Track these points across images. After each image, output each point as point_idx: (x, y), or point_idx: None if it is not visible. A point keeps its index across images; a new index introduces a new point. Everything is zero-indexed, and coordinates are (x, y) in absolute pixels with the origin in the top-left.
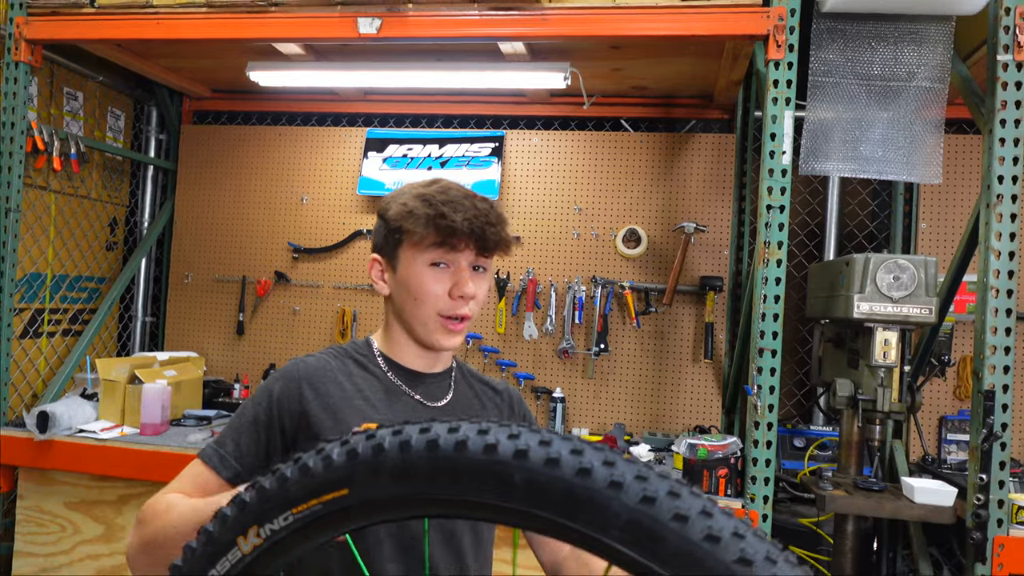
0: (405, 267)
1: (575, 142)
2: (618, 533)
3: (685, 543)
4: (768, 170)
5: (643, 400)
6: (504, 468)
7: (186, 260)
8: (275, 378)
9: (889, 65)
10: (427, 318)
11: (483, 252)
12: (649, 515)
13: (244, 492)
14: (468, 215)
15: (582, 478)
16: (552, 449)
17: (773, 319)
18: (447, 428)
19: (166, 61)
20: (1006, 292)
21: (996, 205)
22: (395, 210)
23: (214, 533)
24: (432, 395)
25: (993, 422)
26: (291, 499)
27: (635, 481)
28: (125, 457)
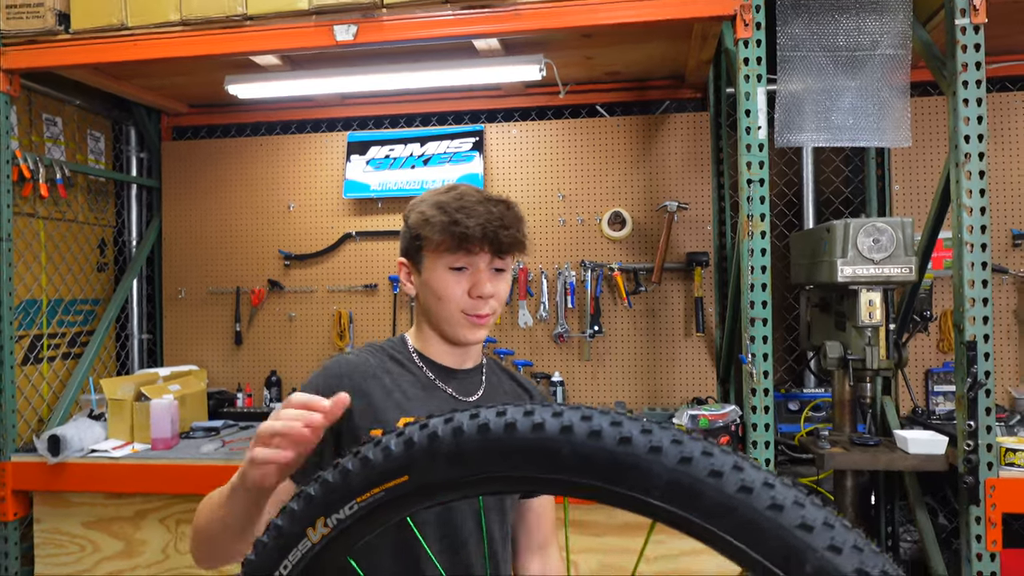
0: (428, 271)
1: (553, 131)
2: (660, 493)
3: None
4: (746, 145)
5: (640, 377)
6: (552, 443)
7: (178, 276)
8: (319, 376)
9: (853, 35)
10: (451, 315)
11: (499, 254)
12: (691, 474)
13: (307, 487)
14: (481, 220)
15: (623, 446)
16: (594, 423)
17: (762, 289)
18: (495, 412)
19: (142, 80)
20: (980, 246)
21: (965, 164)
22: (414, 218)
23: (283, 527)
24: (465, 390)
25: (977, 371)
26: (354, 489)
27: (672, 445)
28: (140, 473)
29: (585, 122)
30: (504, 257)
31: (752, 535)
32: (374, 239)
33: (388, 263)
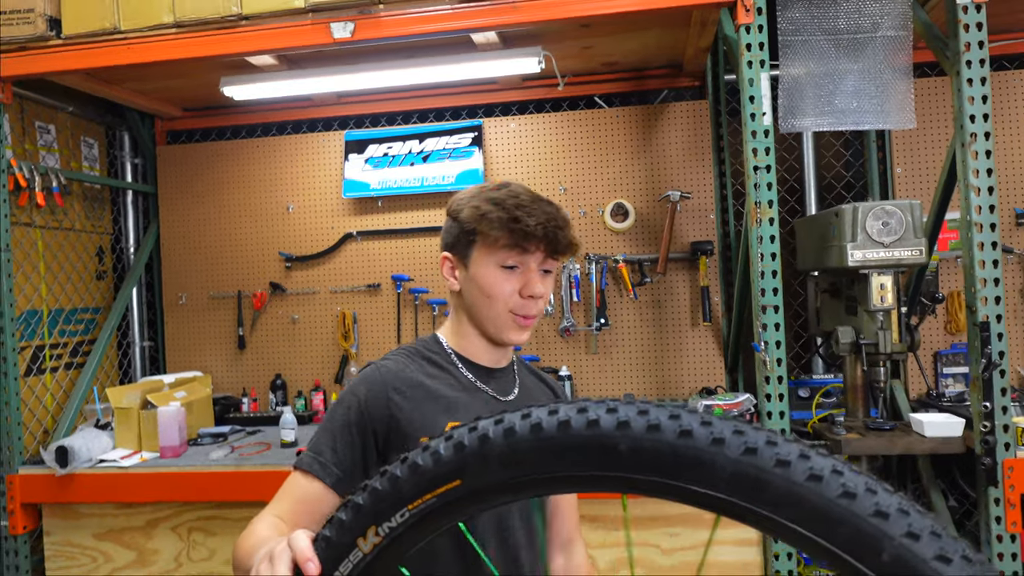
0: (477, 266)
1: (552, 123)
2: (725, 486)
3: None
4: (751, 132)
5: (648, 368)
6: (609, 440)
7: (178, 281)
8: (359, 384)
9: (853, 18)
10: (498, 315)
11: (553, 255)
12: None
13: (355, 496)
14: (541, 219)
15: (684, 439)
16: (651, 417)
17: (772, 276)
18: (547, 411)
19: (135, 84)
20: (989, 226)
21: (971, 144)
22: (468, 212)
23: (332, 538)
24: (503, 390)
25: (991, 351)
26: (404, 496)
27: (734, 436)
28: (150, 482)
29: (584, 114)
30: (558, 258)
31: (824, 525)
32: (376, 238)
33: (390, 262)
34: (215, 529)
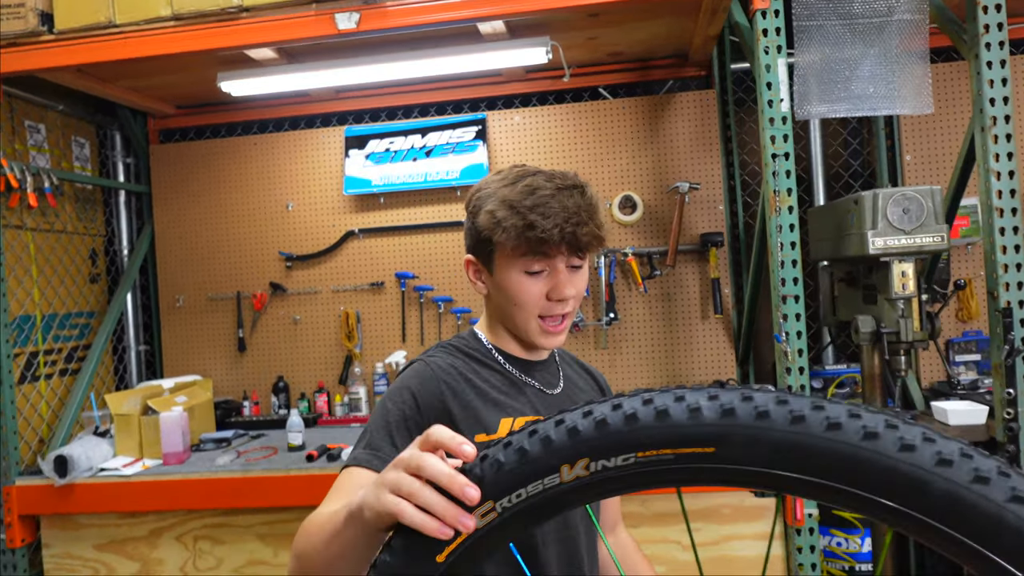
0: (501, 273)
1: (557, 116)
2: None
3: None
4: (768, 119)
5: (658, 362)
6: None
7: (175, 283)
8: (410, 378)
9: (868, 2)
10: (526, 322)
11: (577, 254)
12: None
13: (571, 414)
14: (558, 220)
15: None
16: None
17: (792, 265)
18: (848, 413)
19: (129, 82)
20: (1011, 211)
21: (991, 128)
22: (483, 219)
23: (529, 451)
24: (548, 382)
25: (1014, 338)
26: (639, 441)
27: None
28: (153, 490)
29: (588, 105)
30: (583, 256)
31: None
32: (378, 235)
33: (394, 260)
34: (222, 537)
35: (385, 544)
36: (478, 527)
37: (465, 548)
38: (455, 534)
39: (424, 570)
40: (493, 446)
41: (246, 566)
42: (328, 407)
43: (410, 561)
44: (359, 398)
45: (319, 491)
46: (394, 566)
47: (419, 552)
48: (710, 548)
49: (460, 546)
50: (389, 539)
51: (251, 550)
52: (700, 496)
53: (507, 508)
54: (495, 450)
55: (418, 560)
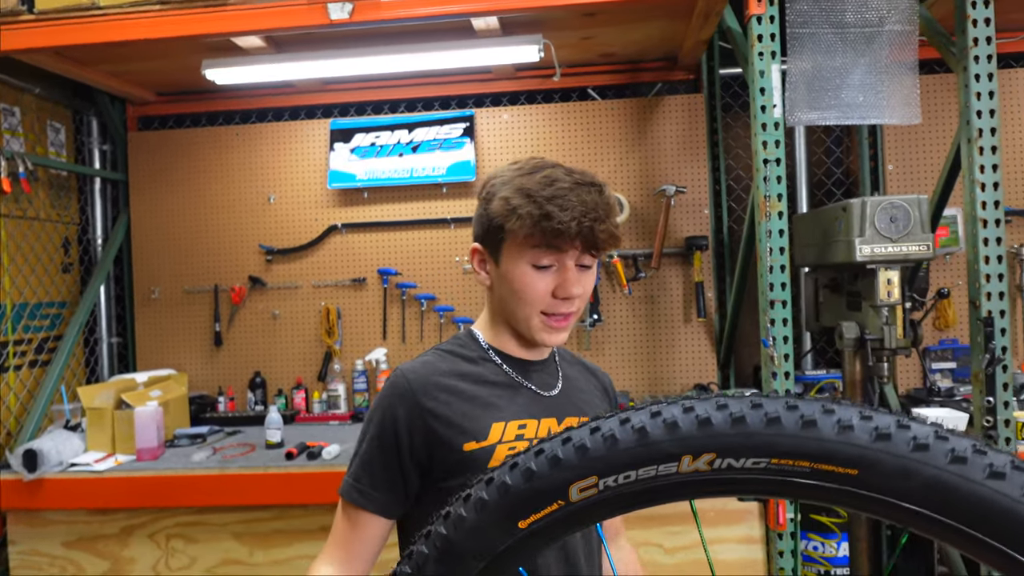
0: (508, 264)
1: (545, 115)
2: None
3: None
4: (761, 125)
5: (640, 364)
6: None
7: (150, 274)
8: (387, 397)
9: (860, 11)
10: (529, 317)
11: (591, 251)
12: None
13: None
14: (576, 213)
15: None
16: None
17: (781, 270)
18: (974, 448)
19: (109, 66)
20: (994, 222)
21: (977, 140)
22: (497, 206)
23: (535, 471)
24: (545, 384)
25: (995, 347)
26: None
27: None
28: (127, 486)
29: (577, 105)
30: (596, 254)
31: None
32: (361, 231)
33: (376, 255)
34: (196, 536)
35: (460, 499)
36: (573, 500)
37: (552, 520)
38: (548, 502)
39: (504, 531)
40: (609, 418)
41: (220, 565)
42: (306, 404)
43: (488, 521)
44: (338, 395)
45: (299, 489)
46: (470, 521)
47: (499, 514)
48: (692, 551)
49: (547, 516)
50: (464, 496)
51: (226, 549)
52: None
53: (610, 487)
54: (610, 423)
55: (497, 522)
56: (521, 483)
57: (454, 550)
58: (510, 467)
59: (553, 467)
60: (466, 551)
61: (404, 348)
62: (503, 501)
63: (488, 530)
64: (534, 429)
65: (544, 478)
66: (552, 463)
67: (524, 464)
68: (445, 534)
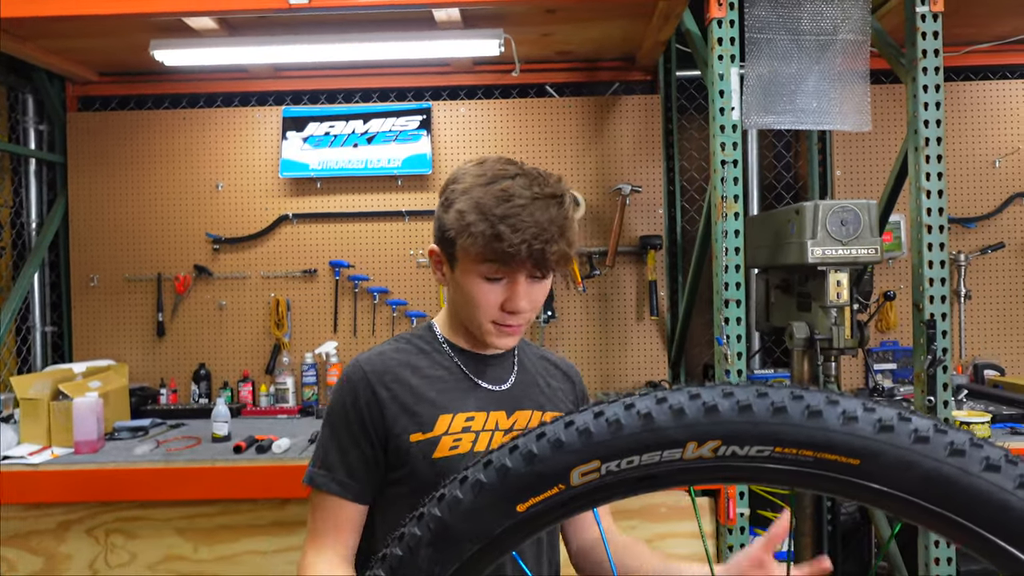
0: (460, 273)
1: (503, 110)
2: None
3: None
4: (719, 127)
5: (593, 361)
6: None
7: (89, 261)
8: (346, 386)
9: (815, 20)
10: (481, 323)
11: (540, 273)
12: None
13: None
14: (527, 235)
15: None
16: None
17: (736, 269)
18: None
19: (49, 42)
20: (938, 228)
21: (923, 148)
22: (452, 218)
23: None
24: (497, 377)
25: (936, 348)
26: (762, 435)
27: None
28: (64, 480)
29: (535, 102)
30: (545, 275)
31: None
32: (313, 221)
33: (328, 247)
34: (137, 531)
35: (456, 480)
36: (574, 485)
37: (551, 504)
38: (548, 485)
39: (501, 514)
40: (613, 403)
41: (163, 562)
42: (253, 397)
43: (486, 504)
44: (286, 388)
45: (247, 484)
46: (467, 504)
47: (497, 496)
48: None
49: (547, 500)
50: (461, 478)
51: (169, 545)
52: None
53: (612, 472)
54: (615, 408)
55: (494, 505)
56: (522, 466)
57: (449, 533)
58: (510, 449)
59: (555, 450)
60: (461, 534)
61: (355, 342)
62: (502, 483)
63: (485, 513)
64: (482, 421)
65: (546, 461)
66: (555, 446)
67: (525, 447)
68: (440, 516)
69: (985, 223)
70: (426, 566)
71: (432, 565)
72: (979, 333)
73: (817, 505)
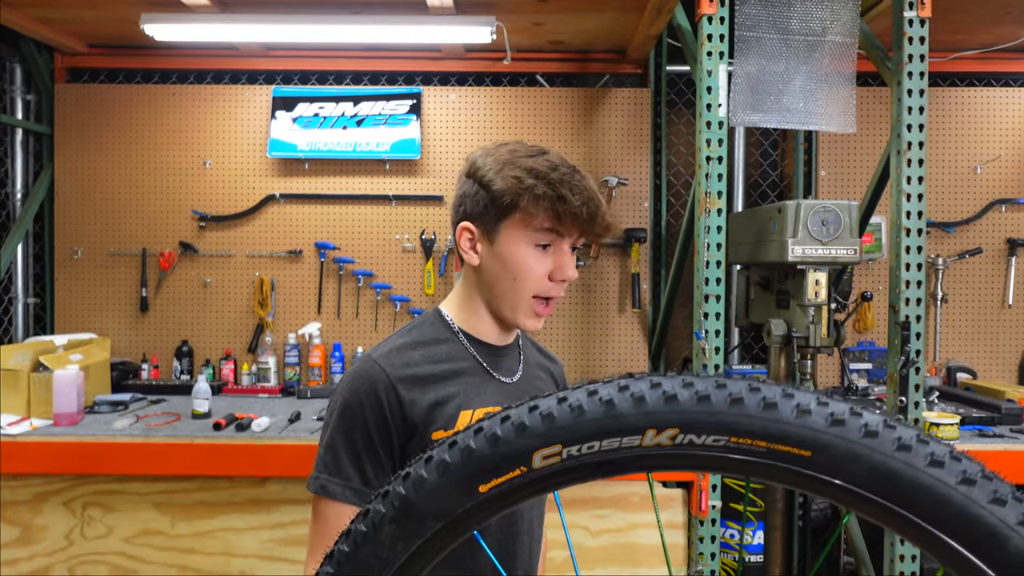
0: (506, 243)
1: (493, 98)
2: None
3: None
4: (706, 123)
5: (574, 352)
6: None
7: (74, 234)
8: (363, 384)
9: (805, 20)
10: (520, 299)
11: (592, 237)
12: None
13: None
14: (584, 197)
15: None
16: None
17: (716, 266)
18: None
19: (38, 11)
20: (916, 231)
21: (906, 152)
22: (506, 183)
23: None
24: (509, 369)
25: (910, 349)
26: (727, 426)
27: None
28: (42, 452)
29: (525, 91)
30: (595, 241)
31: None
32: (300, 202)
33: (314, 227)
34: (115, 504)
35: (422, 460)
36: (535, 467)
37: (512, 486)
38: (510, 467)
39: (464, 494)
40: (576, 390)
41: (139, 536)
42: (234, 375)
43: (449, 484)
44: (268, 368)
45: (226, 461)
46: (431, 483)
47: (460, 477)
48: (616, 535)
49: (508, 482)
50: (427, 456)
51: (145, 519)
52: (611, 484)
53: (573, 456)
54: (578, 394)
55: (458, 485)
56: (485, 447)
57: (412, 511)
58: (475, 431)
59: (519, 433)
60: (425, 512)
61: (339, 323)
62: (465, 464)
63: (448, 492)
64: None
65: (509, 443)
66: (518, 430)
67: (489, 429)
68: (404, 494)
69: (964, 228)
70: (389, 542)
71: (395, 541)
72: (954, 336)
73: (788, 500)
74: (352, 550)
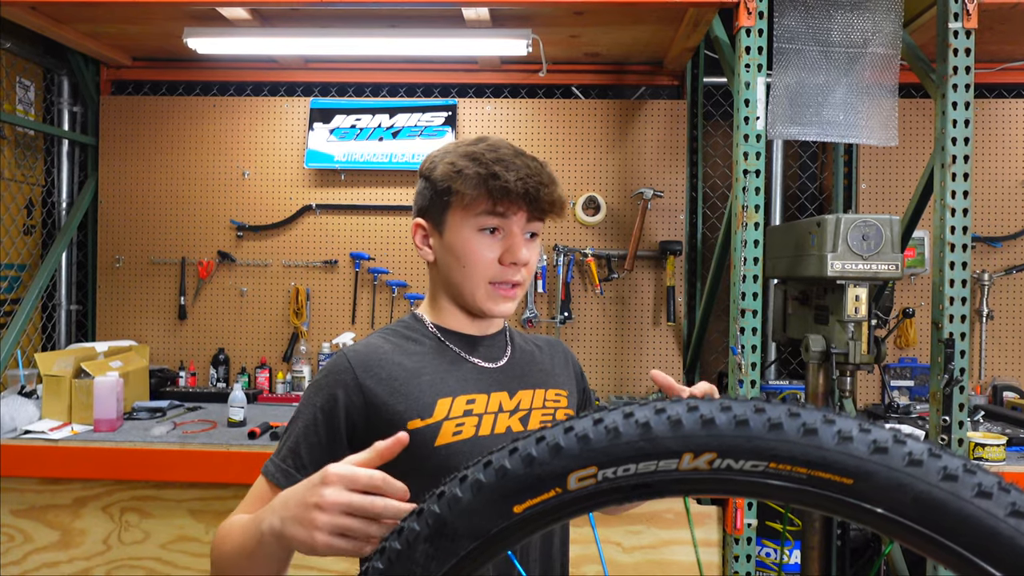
0: (453, 232)
1: (528, 110)
2: None
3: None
4: (743, 136)
5: (607, 364)
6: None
7: (116, 242)
8: (326, 378)
9: (846, 32)
10: (476, 286)
11: (537, 215)
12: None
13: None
14: (521, 174)
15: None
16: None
17: (753, 280)
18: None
19: (86, 25)
20: (961, 247)
21: (950, 165)
22: (442, 170)
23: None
24: (491, 356)
25: (954, 367)
26: (757, 450)
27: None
28: (82, 457)
29: (560, 103)
30: (542, 219)
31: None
32: (336, 212)
33: (350, 238)
34: (151, 510)
35: (455, 480)
36: (570, 489)
37: (547, 507)
38: (545, 488)
39: (498, 514)
40: (612, 411)
41: (175, 542)
42: (269, 384)
43: (484, 503)
44: (302, 376)
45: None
46: (465, 502)
47: (495, 496)
48: (649, 551)
49: (543, 503)
50: (460, 477)
51: (181, 525)
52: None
53: (608, 479)
54: (614, 415)
55: (492, 504)
56: (520, 468)
57: (446, 529)
58: (510, 451)
59: (554, 455)
60: (459, 531)
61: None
62: (500, 484)
63: (483, 512)
64: (483, 404)
65: (544, 465)
66: (553, 451)
67: (524, 449)
68: (439, 513)
69: (1011, 243)
70: (423, 561)
71: (429, 560)
72: (1000, 354)
73: (826, 520)
74: (387, 567)
